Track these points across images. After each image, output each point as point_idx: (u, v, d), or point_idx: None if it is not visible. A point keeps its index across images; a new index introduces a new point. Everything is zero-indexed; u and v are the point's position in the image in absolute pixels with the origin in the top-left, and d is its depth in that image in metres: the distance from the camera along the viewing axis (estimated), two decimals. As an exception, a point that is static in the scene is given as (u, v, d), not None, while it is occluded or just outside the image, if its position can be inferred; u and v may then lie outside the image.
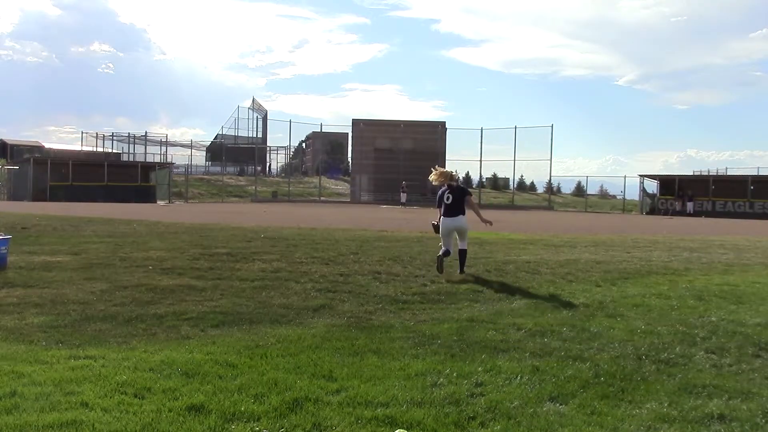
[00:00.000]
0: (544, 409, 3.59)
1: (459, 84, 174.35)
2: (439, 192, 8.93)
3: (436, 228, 8.95)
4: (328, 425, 3.27)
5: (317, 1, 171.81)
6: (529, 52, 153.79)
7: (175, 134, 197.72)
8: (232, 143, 59.86)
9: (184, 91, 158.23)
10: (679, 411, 3.61)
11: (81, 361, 4.24)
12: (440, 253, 8.60)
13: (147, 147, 57.53)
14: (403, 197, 40.30)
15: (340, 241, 12.68)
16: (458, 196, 8.76)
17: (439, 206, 8.84)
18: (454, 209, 8.67)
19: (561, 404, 3.67)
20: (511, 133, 47.38)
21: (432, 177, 9.00)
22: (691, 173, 49.98)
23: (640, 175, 43.67)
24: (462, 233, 8.78)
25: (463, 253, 8.76)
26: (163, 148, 57.54)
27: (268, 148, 64.43)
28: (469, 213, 8.82)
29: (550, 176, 49.21)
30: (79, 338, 4.94)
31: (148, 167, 45.35)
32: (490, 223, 9.22)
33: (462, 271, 8.65)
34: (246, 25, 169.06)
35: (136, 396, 3.60)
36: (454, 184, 9.00)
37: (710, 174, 46.96)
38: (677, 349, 4.97)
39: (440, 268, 8.41)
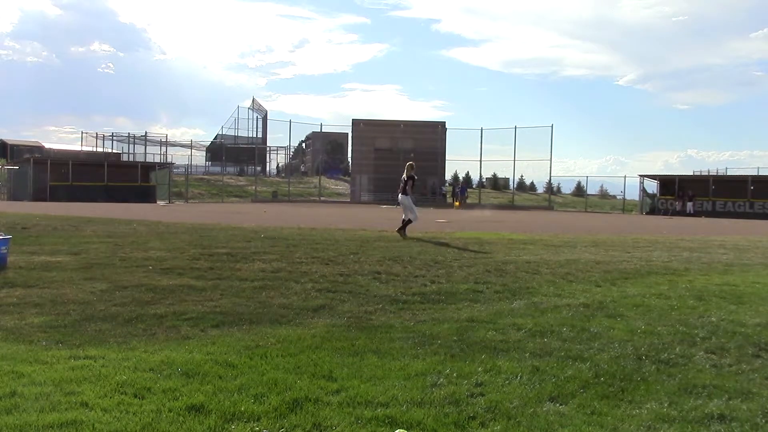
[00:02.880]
0: (544, 409, 3.59)
1: (459, 84, 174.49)
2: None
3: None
4: (328, 425, 3.27)
5: (317, 1, 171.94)
6: (530, 52, 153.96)
7: (175, 134, 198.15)
8: (232, 143, 59.88)
9: (184, 91, 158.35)
10: (679, 411, 3.61)
11: (81, 361, 4.24)
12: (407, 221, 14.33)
13: (147, 147, 57.58)
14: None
15: (340, 241, 12.68)
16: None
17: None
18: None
19: (561, 404, 3.67)
20: (511, 133, 47.48)
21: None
22: (691, 173, 50.01)
23: (640, 175, 43.72)
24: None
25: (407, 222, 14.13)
26: (163, 148, 57.62)
27: (268, 148, 64.45)
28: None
29: (550, 176, 49.33)
30: (79, 338, 4.94)
31: (148, 167, 45.37)
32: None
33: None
34: (246, 24, 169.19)
35: (136, 396, 3.60)
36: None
37: (710, 174, 46.98)
38: (677, 349, 4.97)
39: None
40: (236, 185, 53.86)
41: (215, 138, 61.08)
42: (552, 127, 46.41)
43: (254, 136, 62.87)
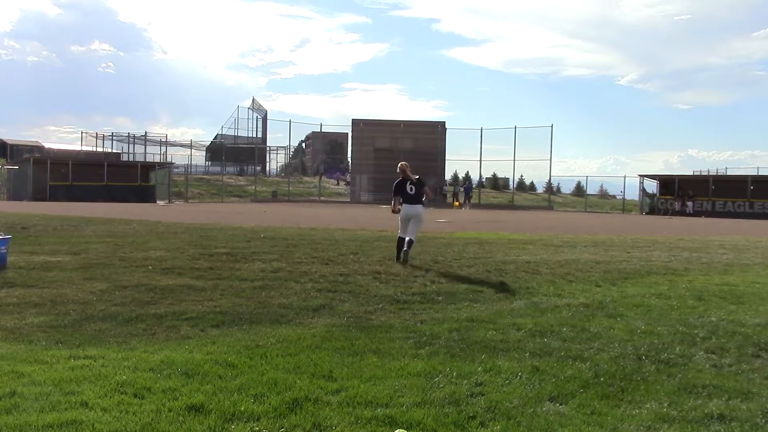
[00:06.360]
0: (544, 409, 3.59)
1: (459, 84, 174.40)
2: (398, 182, 9.85)
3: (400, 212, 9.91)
4: (328, 425, 3.27)
5: (318, 1, 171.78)
6: (530, 52, 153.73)
7: (175, 134, 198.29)
8: (232, 143, 59.82)
9: (184, 91, 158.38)
10: (679, 411, 3.61)
11: (81, 361, 4.24)
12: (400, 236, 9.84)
13: (147, 147, 57.53)
14: None
15: (340, 241, 12.68)
16: (419, 187, 9.87)
17: (399, 194, 9.78)
18: (414, 199, 9.78)
19: (561, 404, 3.67)
20: (511, 133, 47.39)
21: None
22: (691, 173, 50.00)
23: (640, 175, 43.65)
24: (418, 220, 9.87)
25: (411, 243, 9.60)
26: (163, 148, 57.56)
27: (268, 148, 64.40)
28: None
29: (550, 176, 49.24)
30: (79, 338, 4.94)
31: (148, 167, 45.30)
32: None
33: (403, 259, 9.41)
34: (246, 24, 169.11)
35: (136, 396, 3.60)
36: (414, 177, 9.95)
37: (710, 174, 46.96)
38: (677, 349, 4.97)
39: (399, 257, 9.48)
40: (236, 185, 53.82)
41: (215, 138, 60.99)
42: (552, 127, 46.31)
43: (254, 136, 62.79)
